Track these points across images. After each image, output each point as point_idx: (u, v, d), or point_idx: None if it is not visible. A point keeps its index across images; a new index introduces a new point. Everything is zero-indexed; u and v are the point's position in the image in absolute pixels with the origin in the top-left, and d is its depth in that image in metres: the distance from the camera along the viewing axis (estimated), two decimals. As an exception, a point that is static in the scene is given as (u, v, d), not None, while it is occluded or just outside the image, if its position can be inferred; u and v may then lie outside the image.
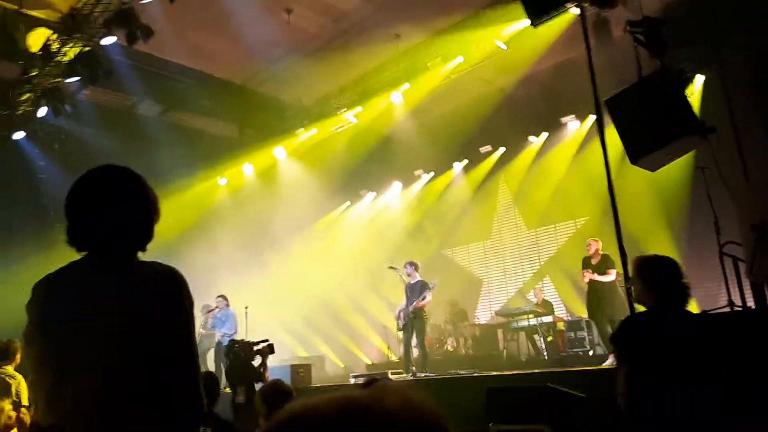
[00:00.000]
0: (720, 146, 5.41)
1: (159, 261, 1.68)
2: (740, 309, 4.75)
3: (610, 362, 7.02)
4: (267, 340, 6.84)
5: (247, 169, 12.82)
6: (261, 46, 9.72)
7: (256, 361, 6.64)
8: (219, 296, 10.01)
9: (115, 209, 1.61)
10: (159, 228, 1.76)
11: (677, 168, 7.38)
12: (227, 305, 9.95)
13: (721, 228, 5.64)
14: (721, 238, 5.40)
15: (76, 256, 1.60)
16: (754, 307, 4.59)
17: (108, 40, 8.29)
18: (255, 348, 6.73)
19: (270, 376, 7.59)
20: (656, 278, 2.83)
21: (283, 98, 11.96)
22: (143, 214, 1.65)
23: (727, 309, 4.84)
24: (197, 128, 12.13)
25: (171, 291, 1.61)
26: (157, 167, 10.66)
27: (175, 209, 10.82)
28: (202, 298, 10.58)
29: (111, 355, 1.48)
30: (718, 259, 5.10)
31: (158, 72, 10.28)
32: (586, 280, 7.87)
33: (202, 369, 9.05)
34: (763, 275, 4.04)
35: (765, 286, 4.11)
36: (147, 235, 1.66)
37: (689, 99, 5.26)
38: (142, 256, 1.67)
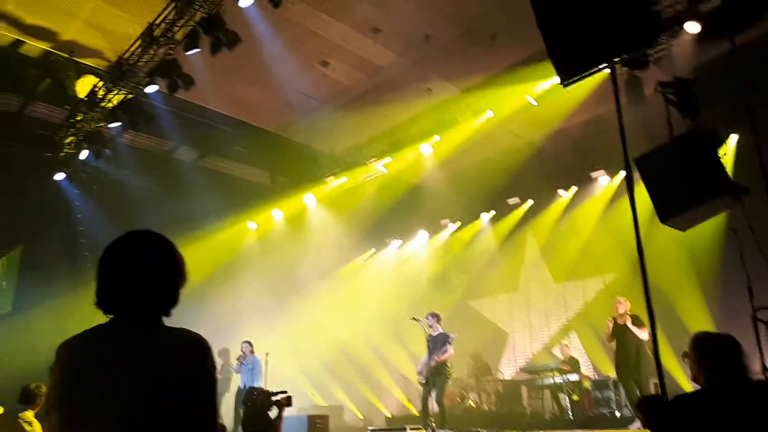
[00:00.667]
0: (754, 208, 5.31)
1: (187, 315, 1.72)
2: (776, 377, 4.57)
3: (636, 427, 6.78)
4: (286, 392, 6.76)
5: (276, 214, 13.03)
6: (297, 97, 10.07)
7: (273, 412, 6.54)
8: (245, 342, 9.96)
9: (146, 275, 1.66)
10: (190, 268, 1.80)
11: (709, 228, 7.27)
12: (252, 351, 9.91)
13: (755, 292, 5.49)
14: (755, 302, 5.25)
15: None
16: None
17: (151, 89, 8.64)
18: (273, 398, 6.65)
19: (288, 426, 7.50)
20: (715, 357, 2.73)
21: (316, 147, 12.24)
22: (172, 279, 1.70)
23: (762, 376, 4.65)
24: (231, 174, 12.46)
25: (197, 359, 1.63)
26: (190, 211, 10.95)
27: (204, 252, 11.01)
28: (222, 341, 10.60)
29: (133, 422, 1.50)
30: (751, 323, 4.94)
31: (196, 119, 10.66)
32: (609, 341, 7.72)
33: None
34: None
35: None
36: (173, 300, 1.71)
37: (722, 159, 5.21)
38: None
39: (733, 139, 8.91)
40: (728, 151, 8.59)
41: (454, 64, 9.43)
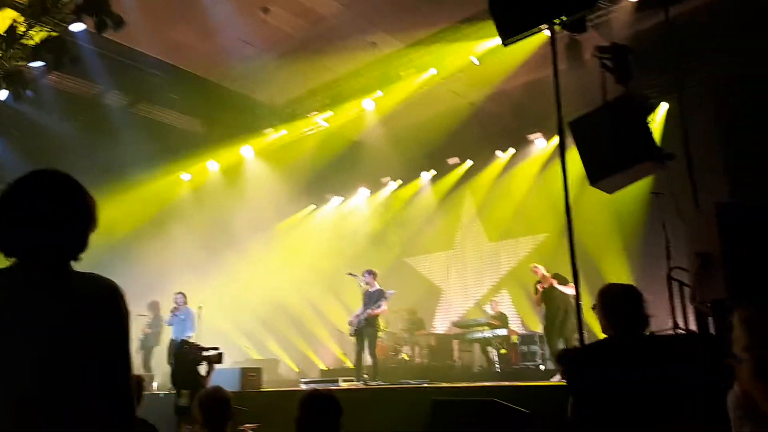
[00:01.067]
0: (676, 174, 5.56)
1: (102, 262, 1.63)
2: (683, 332, 4.88)
3: (557, 379, 7.16)
4: (217, 348, 6.71)
5: (212, 166, 12.66)
6: (235, 43, 9.65)
7: (203, 368, 6.50)
8: (178, 293, 9.73)
9: (51, 216, 1.56)
10: (115, 220, 1.72)
11: (635, 192, 7.58)
12: (185, 302, 9.72)
13: (673, 253, 5.80)
14: (672, 262, 5.55)
15: None
16: (696, 330, 4.74)
17: (77, 27, 8.09)
18: (203, 353, 6.59)
19: (220, 378, 7.46)
20: (617, 308, 2.91)
21: (255, 97, 11.86)
22: (79, 222, 1.60)
23: (672, 332, 4.97)
24: (164, 122, 11.94)
25: (108, 306, 1.55)
26: (120, 159, 10.48)
27: (134, 203, 10.62)
28: (153, 295, 10.37)
29: (40, 371, 1.43)
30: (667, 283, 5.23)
31: (128, 63, 10.07)
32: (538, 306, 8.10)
33: (145, 371, 8.81)
34: (703, 301, 4.17)
35: (707, 311, 4.25)
36: (81, 244, 1.61)
37: (651, 126, 5.39)
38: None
39: (664, 107, 9.24)
40: (657, 118, 8.92)
41: (398, 18, 9.25)
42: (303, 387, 8.40)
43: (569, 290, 7.71)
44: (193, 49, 10.01)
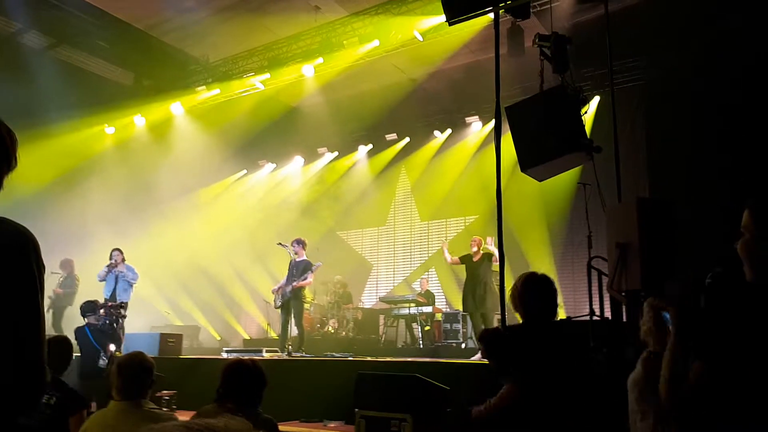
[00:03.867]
0: (603, 166, 5.75)
1: (10, 218, 1.46)
2: (598, 318, 5.11)
3: (477, 357, 7.38)
4: (121, 304, 6.56)
5: (138, 120, 12.03)
6: (170, -8, 9.13)
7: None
8: (116, 249, 9.08)
9: None
10: (32, 171, 1.55)
11: (563, 181, 7.82)
12: (124, 259, 9.04)
13: (595, 243, 6.04)
14: (593, 252, 5.78)
15: None
16: (609, 317, 4.97)
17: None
18: (117, 311, 6.41)
19: (138, 342, 7.23)
20: (533, 294, 3.05)
21: (188, 51, 11.31)
22: None
23: (587, 318, 5.19)
24: (88, 70, 11.20)
25: (19, 255, 1.40)
26: (37, 105, 9.75)
27: (51, 153, 9.94)
28: (68, 252, 9.82)
29: None
30: (586, 270, 5.44)
31: (51, 1, 9.33)
32: (449, 261, 8.43)
33: (55, 332, 8.45)
34: (619, 290, 4.36)
35: (622, 300, 4.46)
36: None
37: (582, 117, 5.53)
38: (3, 205, 1.46)
39: (596, 100, 9.53)
40: (589, 110, 9.18)
41: (345, -17, 9.04)
42: (225, 356, 8.25)
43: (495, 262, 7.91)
44: (125, -6, 9.39)
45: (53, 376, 3.51)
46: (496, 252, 7.85)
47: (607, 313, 5.12)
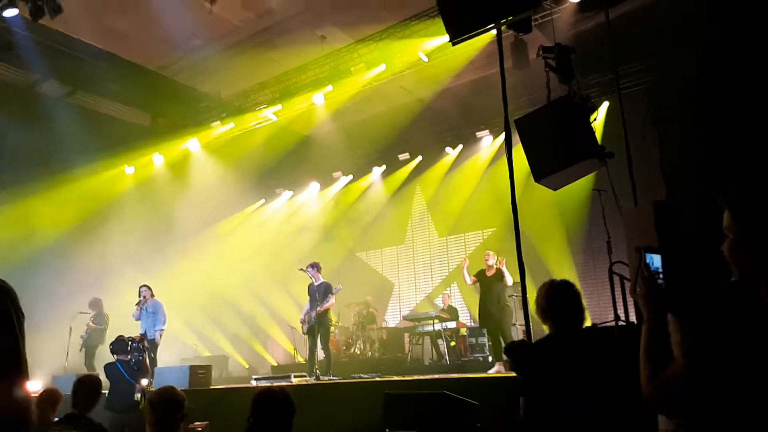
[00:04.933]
0: (617, 171, 5.78)
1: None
2: (624, 324, 5.10)
3: (496, 370, 7.38)
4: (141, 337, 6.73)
5: (157, 159, 12.32)
6: (180, 33, 9.39)
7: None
8: (144, 285, 9.27)
9: None
10: (53, 216, 1.67)
11: (577, 189, 7.84)
12: (152, 295, 9.26)
13: (614, 248, 6.04)
14: (613, 256, 5.78)
15: None
16: (635, 322, 4.96)
17: (10, 13, 7.71)
18: (138, 344, 6.57)
19: (169, 376, 7.35)
20: (557, 303, 3.05)
21: (200, 89, 11.59)
22: None
23: (613, 323, 5.18)
24: (105, 113, 11.51)
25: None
26: (57, 151, 10.05)
27: (74, 197, 10.22)
28: (93, 292, 10.02)
29: None
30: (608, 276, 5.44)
31: (66, 51, 9.65)
32: (469, 282, 8.33)
33: (88, 370, 8.65)
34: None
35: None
36: None
37: (592, 124, 5.58)
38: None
39: (605, 106, 9.57)
40: (598, 117, 9.22)
41: (348, 12, 9.23)
42: (254, 383, 8.32)
43: (508, 279, 7.91)
44: (136, 38, 9.68)
45: (79, 414, 3.64)
46: (506, 274, 7.91)
47: (632, 317, 5.11)
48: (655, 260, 2.13)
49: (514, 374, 4.68)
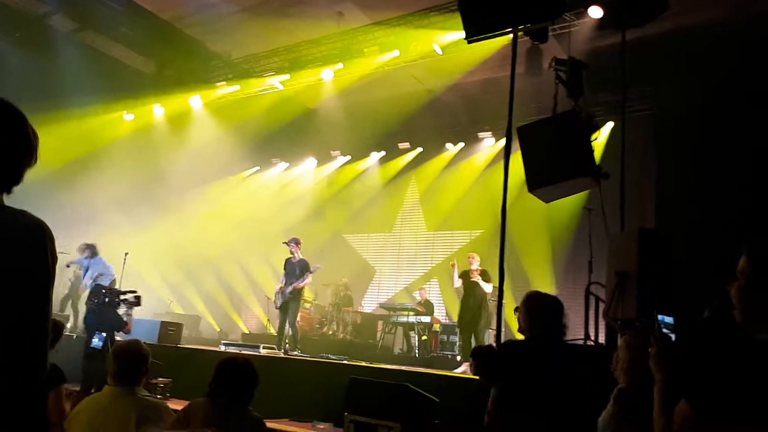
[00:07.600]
0: (610, 193, 5.79)
1: (21, 195, 1.55)
2: (593, 344, 5.16)
3: (462, 370, 7.45)
4: (135, 291, 6.69)
5: (157, 110, 12.20)
6: (198, -13, 9.28)
7: (121, 311, 6.48)
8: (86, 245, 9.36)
9: None
10: (48, 151, 1.65)
11: (570, 205, 7.88)
12: (91, 255, 9.32)
13: (595, 269, 6.08)
14: (592, 277, 5.82)
15: None
16: (603, 344, 5.01)
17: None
18: (122, 297, 6.56)
19: (138, 329, 7.35)
20: (541, 315, 3.08)
21: (211, 46, 11.46)
22: (16, 153, 1.53)
23: (582, 341, 5.23)
24: (112, 56, 11.37)
25: (34, 246, 1.46)
26: (59, 87, 9.93)
27: (70, 136, 10.11)
28: (74, 234, 9.94)
29: None
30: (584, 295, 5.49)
31: (79, -13, 9.53)
32: (457, 285, 8.34)
33: (56, 309, 8.63)
34: (614, 317, 4.40)
35: (617, 328, 4.50)
36: (16, 176, 1.54)
37: (593, 143, 5.59)
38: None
39: (609, 125, 9.58)
40: (600, 136, 9.23)
41: (369, -9, 9.15)
42: (223, 348, 8.36)
43: (488, 287, 8.00)
44: (153, -15, 9.55)
45: None
46: (482, 283, 7.98)
47: (602, 339, 5.17)
48: (667, 320, 2.22)
49: (477, 377, 4.73)
